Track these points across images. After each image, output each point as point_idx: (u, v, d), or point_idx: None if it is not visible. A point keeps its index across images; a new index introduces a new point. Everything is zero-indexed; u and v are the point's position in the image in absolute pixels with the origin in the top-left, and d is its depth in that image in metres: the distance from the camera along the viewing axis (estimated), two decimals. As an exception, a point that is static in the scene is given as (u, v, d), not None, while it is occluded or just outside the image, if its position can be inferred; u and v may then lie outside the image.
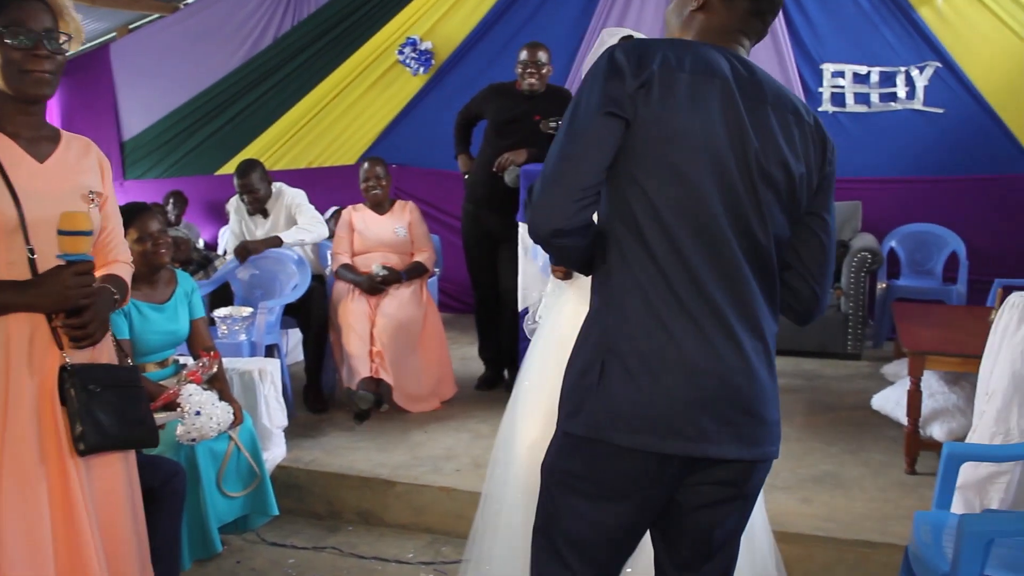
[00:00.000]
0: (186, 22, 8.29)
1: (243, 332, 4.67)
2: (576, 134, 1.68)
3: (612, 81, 1.67)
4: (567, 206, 1.66)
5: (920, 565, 2.59)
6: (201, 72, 8.13)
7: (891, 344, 6.18)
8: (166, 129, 8.35)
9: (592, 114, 1.66)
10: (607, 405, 1.70)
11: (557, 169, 1.68)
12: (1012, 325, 3.19)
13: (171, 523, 3.08)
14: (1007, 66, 6.59)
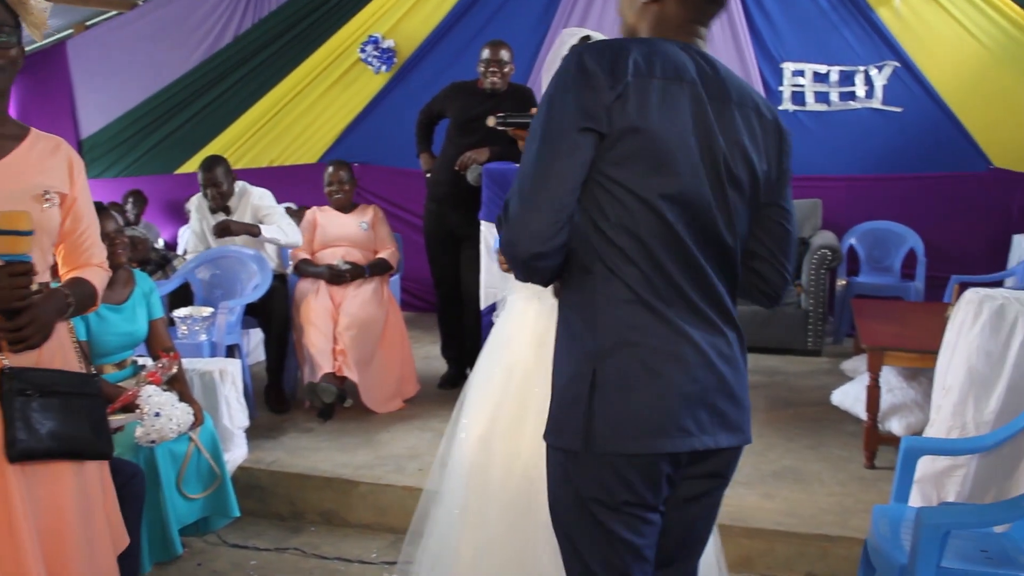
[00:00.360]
0: (144, 19, 8.19)
1: (203, 332, 4.63)
2: (553, 151, 1.62)
3: (586, 92, 1.62)
4: (547, 228, 1.61)
5: (879, 558, 2.62)
6: (160, 70, 8.03)
7: (851, 340, 6.25)
8: (125, 127, 8.25)
9: (569, 129, 1.61)
10: (613, 415, 1.66)
11: (535, 188, 1.62)
12: (968, 321, 3.23)
13: (129, 526, 3.05)
14: (963, 66, 6.69)
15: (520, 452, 2.42)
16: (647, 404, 1.66)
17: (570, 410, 1.69)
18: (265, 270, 5.03)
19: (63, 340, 2.33)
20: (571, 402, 1.69)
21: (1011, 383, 3.11)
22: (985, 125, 6.72)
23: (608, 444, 1.66)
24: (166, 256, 5.83)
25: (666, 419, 1.67)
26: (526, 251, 1.63)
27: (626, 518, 1.71)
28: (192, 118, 8.07)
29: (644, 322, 1.67)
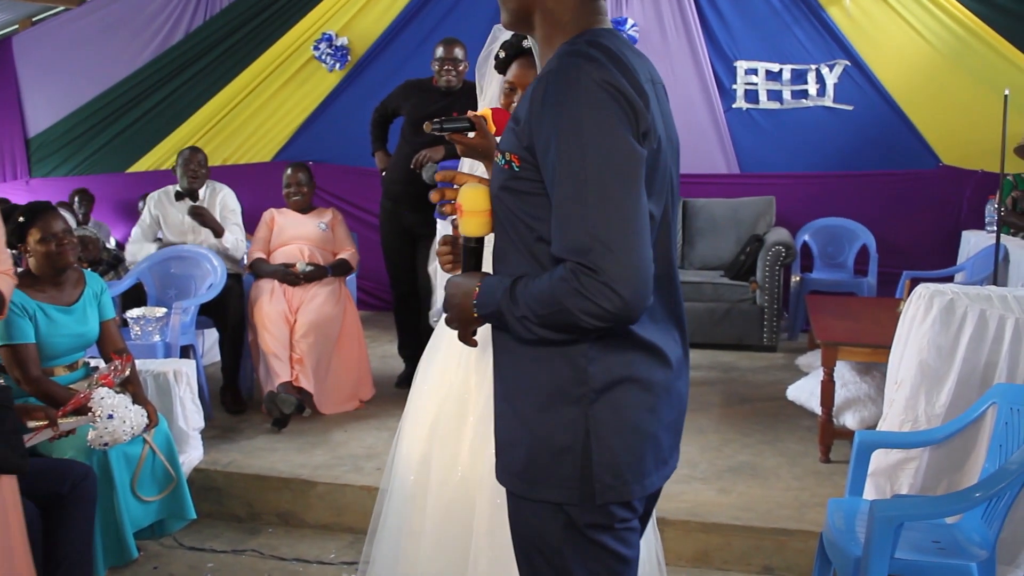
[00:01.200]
0: (93, 15, 8.06)
1: (157, 333, 4.58)
2: (629, 186, 1.42)
3: (631, 114, 1.45)
4: (650, 270, 1.44)
5: (834, 550, 2.66)
6: (110, 67, 7.91)
7: (805, 336, 6.32)
8: (74, 126, 8.11)
9: (634, 159, 1.43)
10: (612, 462, 1.53)
11: (633, 228, 1.41)
12: (919, 315, 3.28)
13: (81, 530, 3.01)
14: (913, 66, 6.81)
15: (458, 459, 2.38)
16: (649, 443, 1.57)
17: (557, 460, 1.54)
18: (219, 269, 4.98)
19: None
20: (557, 452, 1.53)
21: (961, 376, 3.17)
22: (934, 123, 6.83)
23: (610, 495, 1.54)
24: (118, 256, 5.75)
25: (664, 452, 1.63)
26: (639, 309, 1.42)
27: (624, 534, 1.60)
28: (143, 116, 7.96)
29: (635, 354, 1.56)
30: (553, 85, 1.46)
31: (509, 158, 1.54)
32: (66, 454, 3.21)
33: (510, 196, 1.55)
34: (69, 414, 3.16)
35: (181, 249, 5.19)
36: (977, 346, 3.17)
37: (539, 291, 1.46)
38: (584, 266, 1.39)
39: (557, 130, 1.43)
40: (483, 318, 1.58)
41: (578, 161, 1.41)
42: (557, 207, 1.44)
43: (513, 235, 1.57)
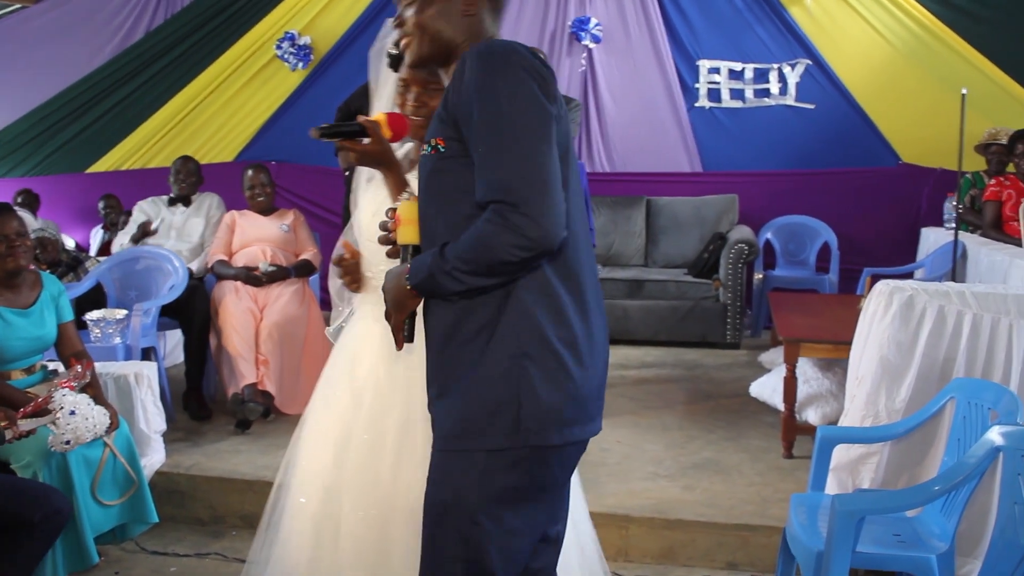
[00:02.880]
0: (51, 13, 7.94)
1: (117, 335, 4.52)
2: (540, 138, 1.61)
3: (543, 83, 1.65)
4: (563, 211, 1.61)
5: (797, 545, 2.67)
6: (68, 66, 7.80)
7: (768, 333, 6.36)
8: (31, 125, 7.98)
9: (545, 117, 1.63)
10: (538, 408, 1.65)
11: (543, 175, 1.59)
12: (879, 312, 3.31)
13: (34, 558, 2.97)
14: (873, 64, 6.89)
15: (378, 481, 2.32)
16: (572, 395, 1.68)
17: (495, 410, 1.65)
18: (181, 271, 4.94)
19: None
20: (495, 402, 1.65)
21: (920, 372, 3.21)
22: (894, 122, 6.92)
23: (536, 437, 1.65)
24: (77, 257, 5.67)
25: (587, 407, 1.73)
26: (557, 238, 1.59)
27: (549, 504, 1.78)
28: (103, 116, 7.86)
29: (569, 315, 1.69)
30: (471, 60, 1.65)
31: (435, 143, 1.70)
32: (23, 458, 3.16)
33: (440, 178, 1.71)
34: (28, 416, 3.11)
35: (142, 250, 5.15)
36: (936, 342, 3.20)
37: (466, 240, 1.61)
38: (507, 203, 1.56)
39: (477, 95, 1.61)
40: (416, 288, 1.71)
41: (495, 116, 1.60)
42: (480, 160, 1.61)
43: (445, 216, 1.71)
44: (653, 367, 5.79)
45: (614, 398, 4.87)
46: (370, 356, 2.42)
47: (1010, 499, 2.31)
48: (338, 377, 2.49)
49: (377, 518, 2.30)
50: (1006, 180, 5.62)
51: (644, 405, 4.85)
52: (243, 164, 6.10)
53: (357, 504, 2.33)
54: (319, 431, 2.46)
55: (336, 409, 2.43)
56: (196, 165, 5.66)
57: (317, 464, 2.42)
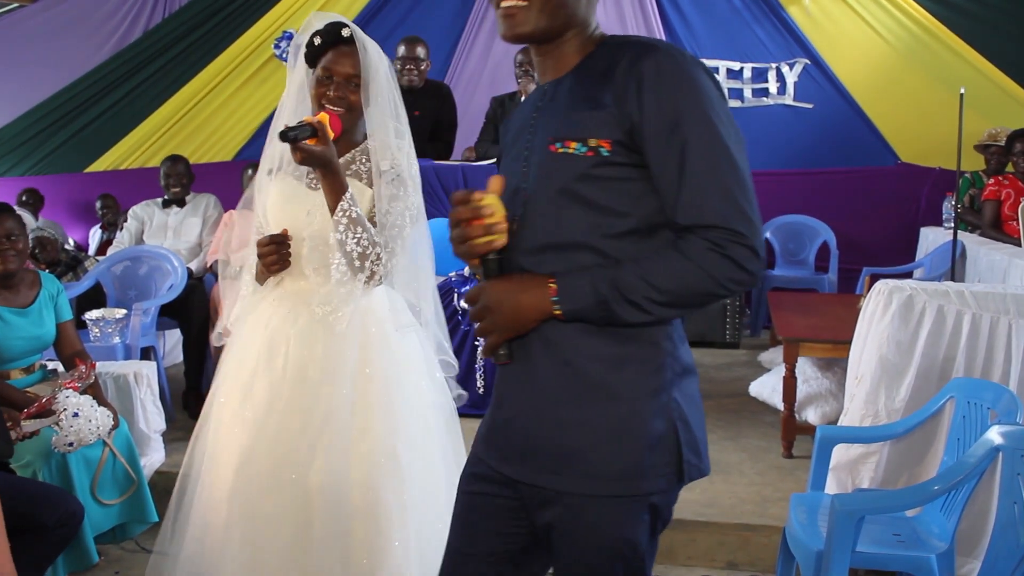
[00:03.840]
0: (49, 12, 7.93)
1: (117, 335, 4.52)
2: (746, 159, 1.51)
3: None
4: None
5: (797, 545, 2.68)
6: (66, 66, 7.78)
7: (767, 332, 6.37)
8: (30, 124, 7.97)
9: (743, 142, 1.52)
10: (692, 437, 1.59)
11: (752, 198, 1.48)
12: (879, 312, 3.32)
13: (45, 560, 2.97)
14: (871, 64, 6.89)
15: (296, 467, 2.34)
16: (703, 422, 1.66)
17: (659, 447, 1.54)
18: (180, 270, 4.94)
19: None
20: (659, 438, 1.53)
21: (920, 371, 3.21)
22: (893, 121, 6.92)
23: (695, 471, 1.60)
24: (76, 257, 5.67)
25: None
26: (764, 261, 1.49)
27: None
28: (101, 115, 7.85)
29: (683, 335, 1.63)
30: (667, 64, 1.46)
31: (596, 144, 1.48)
32: (24, 458, 3.16)
33: (590, 185, 1.50)
34: (33, 417, 3.12)
35: (141, 249, 5.15)
36: (935, 341, 3.21)
37: (669, 268, 1.45)
38: (732, 232, 1.43)
39: (679, 112, 1.45)
40: (569, 314, 1.49)
41: (711, 134, 1.45)
42: (692, 179, 1.44)
43: (579, 226, 1.52)
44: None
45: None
46: (287, 344, 2.41)
47: (1009, 499, 2.31)
48: (252, 367, 2.46)
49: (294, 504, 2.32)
50: (1005, 179, 5.63)
51: (643, 404, 4.84)
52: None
53: (273, 493, 2.34)
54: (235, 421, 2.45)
55: (255, 400, 2.42)
56: (186, 165, 5.69)
57: (232, 455, 2.42)
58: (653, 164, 1.47)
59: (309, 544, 2.30)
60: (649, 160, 1.47)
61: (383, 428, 2.40)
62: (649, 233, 1.50)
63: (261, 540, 2.34)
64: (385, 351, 2.45)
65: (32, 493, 2.96)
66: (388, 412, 2.42)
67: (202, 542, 2.42)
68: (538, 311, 1.50)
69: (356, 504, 2.33)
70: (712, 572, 3.43)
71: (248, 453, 2.38)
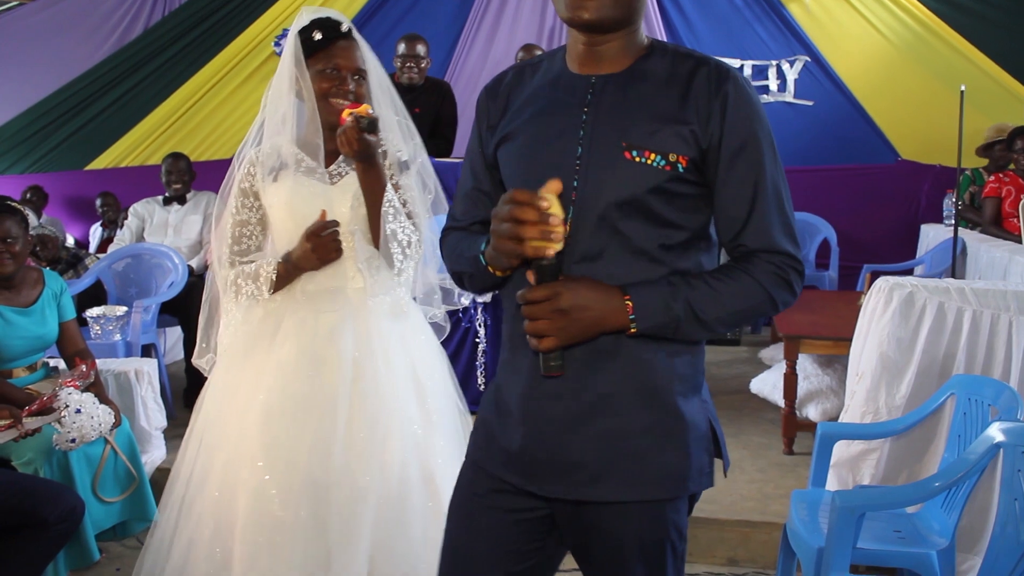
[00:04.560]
0: (49, 10, 7.94)
1: (117, 332, 4.53)
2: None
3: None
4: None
5: (798, 541, 2.68)
6: (66, 63, 7.79)
7: (768, 329, 6.38)
8: (31, 122, 7.98)
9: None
10: (719, 437, 1.68)
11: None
12: (879, 309, 3.32)
13: (45, 557, 2.97)
14: (871, 61, 6.89)
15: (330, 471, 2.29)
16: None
17: (704, 450, 1.60)
18: (180, 267, 4.95)
19: None
20: (705, 443, 1.61)
21: (920, 368, 3.22)
22: (893, 119, 6.92)
23: (726, 463, 1.69)
24: (77, 254, 5.68)
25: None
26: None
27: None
28: (101, 112, 7.86)
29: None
30: (743, 91, 1.51)
31: (675, 159, 1.48)
32: (24, 455, 3.16)
33: (659, 197, 1.49)
34: (34, 414, 3.12)
35: (142, 247, 5.15)
36: (936, 338, 3.21)
37: (740, 290, 1.52)
38: (792, 258, 1.54)
39: (755, 133, 1.51)
40: (644, 330, 1.49)
41: (775, 166, 1.53)
42: (762, 205, 1.51)
43: (637, 238, 1.51)
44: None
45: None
46: (338, 354, 2.34)
47: (1010, 495, 2.31)
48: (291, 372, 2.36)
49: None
50: (1005, 177, 5.63)
51: (644, 402, 4.84)
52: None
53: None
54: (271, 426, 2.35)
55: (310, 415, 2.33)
56: (187, 163, 5.72)
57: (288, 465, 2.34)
58: (724, 186, 1.51)
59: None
60: (719, 181, 1.51)
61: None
62: (694, 244, 1.56)
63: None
64: (421, 339, 2.48)
65: (32, 489, 2.96)
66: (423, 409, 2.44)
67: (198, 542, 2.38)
68: (614, 325, 1.48)
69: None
70: (713, 568, 3.43)
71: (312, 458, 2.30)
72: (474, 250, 1.59)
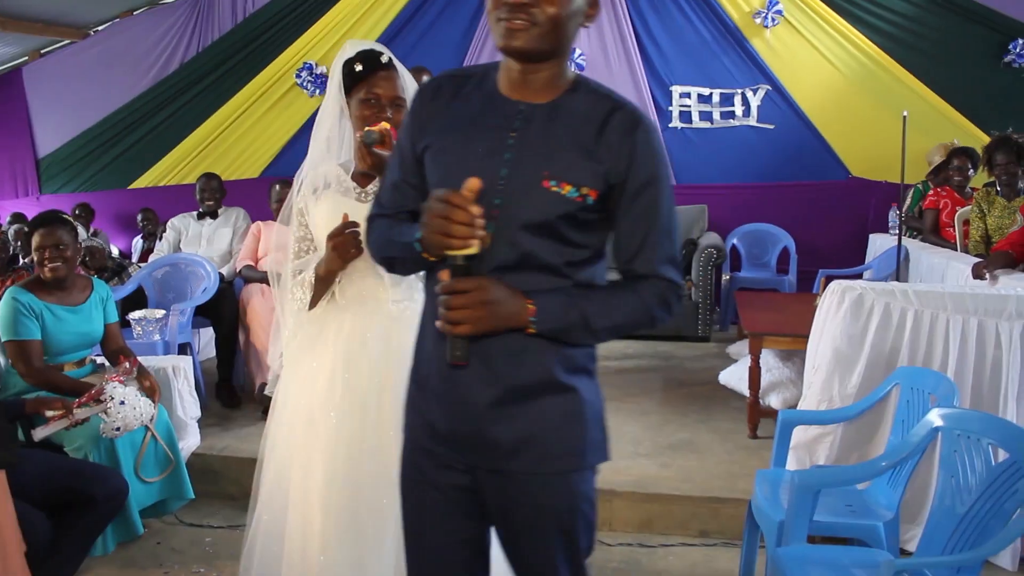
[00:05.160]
0: (97, 47, 7.97)
1: (157, 332, 4.53)
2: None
3: None
4: None
5: (761, 515, 2.68)
6: (112, 94, 7.82)
7: (735, 327, 6.38)
8: (80, 147, 8.00)
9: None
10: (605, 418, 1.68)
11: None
12: (833, 308, 3.32)
13: (93, 534, 2.97)
14: (824, 89, 6.92)
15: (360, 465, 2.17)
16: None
17: (599, 428, 1.63)
18: (212, 275, 4.95)
19: None
20: (599, 422, 1.63)
21: (869, 361, 3.22)
22: (844, 140, 6.94)
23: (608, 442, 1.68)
24: (121, 264, 5.69)
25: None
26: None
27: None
28: (143, 137, 7.88)
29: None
30: (652, 134, 1.54)
31: (586, 192, 1.49)
32: (75, 442, 3.16)
33: (568, 223, 1.50)
34: (83, 406, 3.12)
35: (178, 257, 5.15)
36: (883, 334, 3.22)
37: (628, 308, 1.55)
38: (675, 286, 1.58)
39: (656, 174, 1.53)
40: (542, 331, 1.50)
41: (667, 205, 1.56)
42: (655, 235, 1.55)
43: (545, 255, 1.51)
44: (632, 358, 5.80)
45: (598, 386, 4.87)
46: (368, 358, 2.22)
47: (948, 473, 2.32)
48: (328, 380, 2.24)
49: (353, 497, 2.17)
50: (943, 191, 5.64)
51: (625, 392, 4.85)
52: (268, 180, 6.11)
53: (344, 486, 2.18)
54: (325, 437, 2.22)
55: (344, 417, 2.21)
56: (219, 181, 5.73)
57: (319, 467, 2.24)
58: (624, 217, 1.54)
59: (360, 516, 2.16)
60: (620, 212, 1.53)
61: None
62: (592, 260, 1.57)
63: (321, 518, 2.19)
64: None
65: (83, 472, 2.97)
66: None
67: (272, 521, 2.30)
68: (516, 323, 1.49)
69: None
70: (686, 540, 3.43)
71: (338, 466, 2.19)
72: (407, 237, 1.54)
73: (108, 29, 8.03)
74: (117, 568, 3.24)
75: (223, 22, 7.72)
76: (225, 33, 7.68)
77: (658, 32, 7.10)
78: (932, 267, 4.78)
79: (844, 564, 2.36)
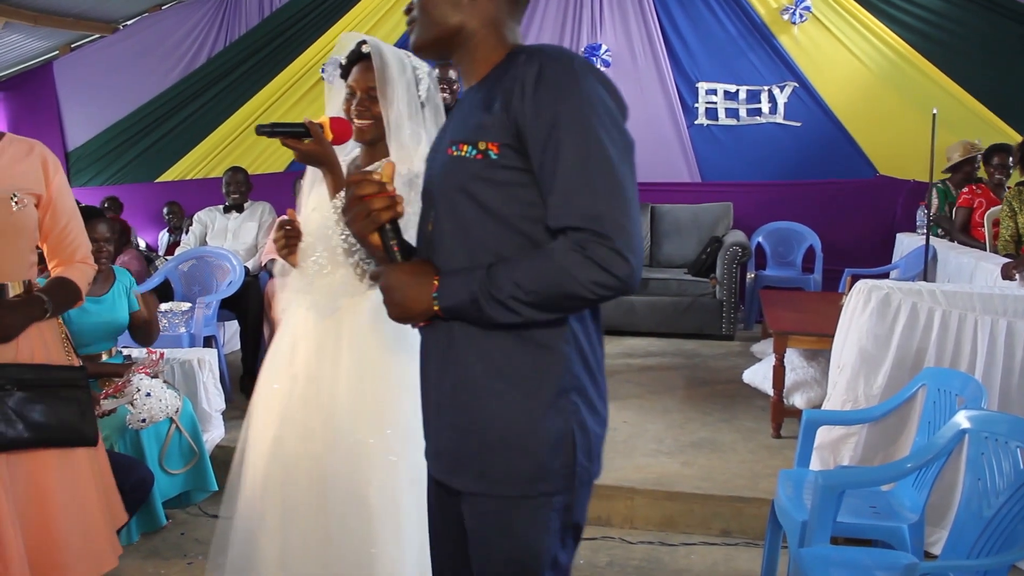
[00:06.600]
0: (125, 42, 8.03)
1: (183, 325, 4.56)
2: (631, 170, 1.33)
3: (623, 112, 1.38)
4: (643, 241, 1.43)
5: (784, 516, 2.67)
6: (141, 88, 7.89)
7: (759, 326, 6.34)
8: (109, 140, 8.08)
9: (630, 147, 1.35)
10: (587, 440, 1.42)
11: (636, 203, 1.31)
12: (859, 308, 3.30)
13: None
14: (852, 86, 6.85)
15: (315, 453, 2.18)
16: (604, 423, 1.48)
17: (553, 447, 1.38)
18: (238, 269, 4.98)
19: (45, 336, 2.23)
20: (551, 440, 1.38)
21: (895, 361, 3.19)
22: (871, 137, 6.87)
23: (586, 473, 1.43)
24: (148, 257, 5.74)
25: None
26: (639, 278, 1.31)
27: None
28: (171, 131, 7.94)
29: (595, 343, 1.46)
30: (550, 70, 1.32)
31: (484, 147, 1.35)
32: (102, 432, 3.19)
33: (486, 187, 1.36)
34: (110, 397, 3.16)
35: (204, 250, 5.19)
36: (909, 334, 3.19)
37: (534, 268, 1.29)
38: (596, 233, 1.26)
39: (562, 111, 1.30)
40: (446, 311, 1.37)
41: (584, 134, 1.29)
42: (562, 181, 1.29)
43: (484, 229, 1.38)
44: (656, 356, 5.78)
45: (620, 383, 4.87)
46: (307, 343, 2.24)
47: (974, 476, 2.29)
48: (279, 364, 2.31)
49: (311, 480, 2.19)
50: (978, 189, 5.57)
51: (648, 390, 4.84)
52: (293, 174, 6.13)
53: (293, 475, 2.22)
54: (265, 413, 2.31)
55: (278, 392, 2.28)
56: (245, 175, 5.75)
57: (263, 445, 2.30)
58: (535, 168, 1.33)
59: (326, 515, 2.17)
60: (532, 164, 1.33)
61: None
62: (545, 239, 1.35)
63: (289, 521, 2.22)
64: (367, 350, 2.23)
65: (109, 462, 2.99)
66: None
67: (248, 513, 2.32)
68: (421, 304, 1.38)
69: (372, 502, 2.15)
70: (708, 539, 3.42)
71: (271, 443, 2.27)
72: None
73: (137, 24, 8.09)
74: (141, 558, 3.27)
75: (250, 17, 7.76)
76: (252, 27, 7.72)
77: (685, 28, 7.06)
78: (960, 267, 4.72)
79: (867, 566, 2.34)
